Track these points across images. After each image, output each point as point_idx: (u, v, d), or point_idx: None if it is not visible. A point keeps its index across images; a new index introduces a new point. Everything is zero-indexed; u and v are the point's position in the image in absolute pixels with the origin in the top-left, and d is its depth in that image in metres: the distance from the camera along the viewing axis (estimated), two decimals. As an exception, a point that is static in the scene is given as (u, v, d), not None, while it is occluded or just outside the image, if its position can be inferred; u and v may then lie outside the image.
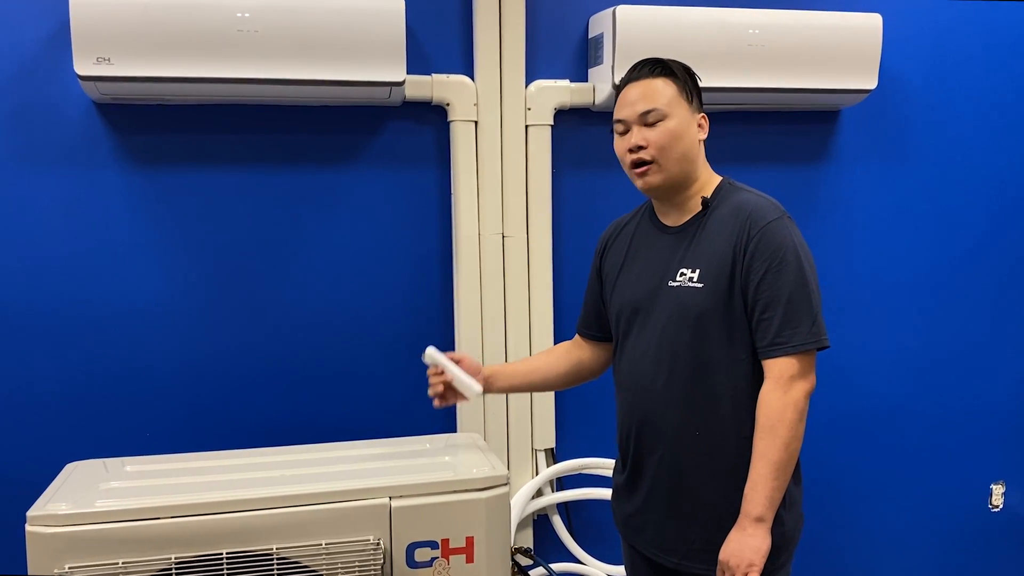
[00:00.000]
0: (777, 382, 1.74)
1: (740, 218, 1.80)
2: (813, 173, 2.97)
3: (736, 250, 1.78)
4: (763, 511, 1.71)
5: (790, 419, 1.72)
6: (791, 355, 1.74)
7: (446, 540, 1.95)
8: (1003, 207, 3.13)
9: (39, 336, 2.48)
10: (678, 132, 1.82)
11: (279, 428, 2.62)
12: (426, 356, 2.07)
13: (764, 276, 1.75)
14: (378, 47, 2.40)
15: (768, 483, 1.71)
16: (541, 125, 2.69)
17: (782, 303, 1.74)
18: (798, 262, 1.75)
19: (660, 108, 1.82)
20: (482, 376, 2.08)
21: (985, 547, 3.25)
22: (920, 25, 2.98)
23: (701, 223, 1.86)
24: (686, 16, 2.62)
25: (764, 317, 1.75)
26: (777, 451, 1.71)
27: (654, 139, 1.82)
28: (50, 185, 2.46)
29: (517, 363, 2.22)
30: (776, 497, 1.73)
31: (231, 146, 2.56)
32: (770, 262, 1.75)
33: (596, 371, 2.18)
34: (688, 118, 1.85)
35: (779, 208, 1.82)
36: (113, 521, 1.79)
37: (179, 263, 2.55)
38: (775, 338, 1.74)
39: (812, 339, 1.74)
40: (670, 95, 1.83)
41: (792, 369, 1.74)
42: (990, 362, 3.17)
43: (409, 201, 2.69)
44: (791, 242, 1.77)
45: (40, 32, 2.40)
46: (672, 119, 1.82)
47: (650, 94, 1.83)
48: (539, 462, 2.80)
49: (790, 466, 1.74)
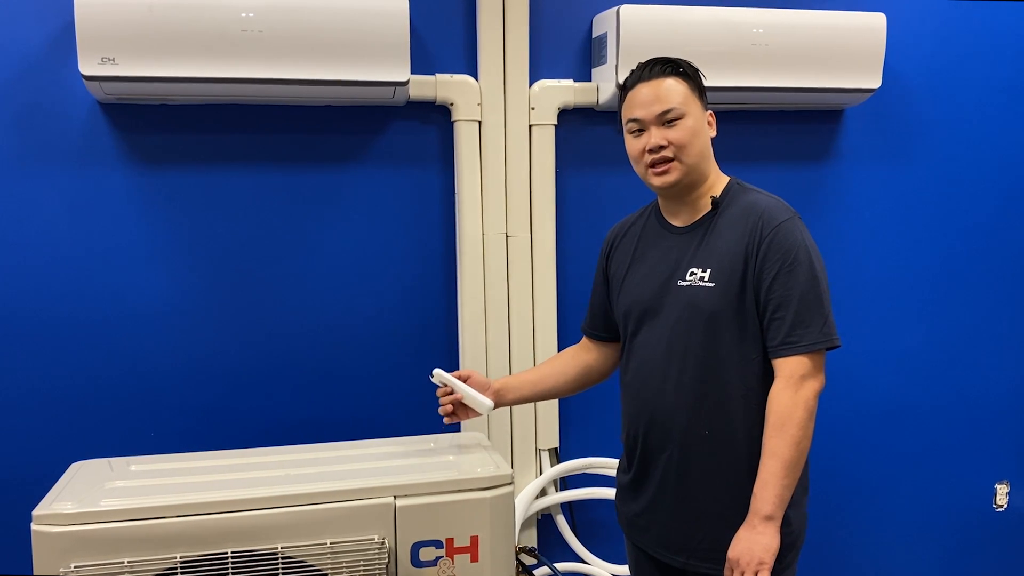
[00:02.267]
0: (788, 381, 1.74)
1: (751, 218, 1.80)
2: (817, 172, 2.97)
3: (748, 250, 1.78)
4: (773, 509, 1.72)
5: (800, 417, 1.72)
6: (802, 354, 1.74)
7: (450, 539, 1.95)
8: (1007, 206, 3.12)
9: (44, 336, 2.48)
10: (696, 130, 1.84)
11: (283, 427, 2.63)
12: (434, 377, 2.08)
13: (776, 276, 1.76)
14: (382, 47, 2.41)
15: (779, 481, 1.71)
16: (545, 125, 2.69)
17: (794, 303, 1.74)
18: (810, 262, 1.77)
19: (678, 107, 1.82)
20: (492, 391, 2.08)
21: (989, 547, 3.25)
22: (924, 24, 2.98)
23: (711, 223, 1.86)
24: (690, 16, 2.62)
25: (776, 317, 1.76)
26: (787, 449, 1.72)
27: (675, 138, 1.82)
28: (54, 185, 2.46)
29: (525, 373, 2.22)
30: (786, 496, 1.73)
31: (235, 146, 2.57)
32: (782, 262, 1.76)
33: (604, 373, 2.17)
34: (701, 116, 1.87)
35: (789, 209, 1.84)
36: (118, 520, 1.79)
37: (184, 263, 2.56)
38: (786, 337, 1.75)
39: (823, 339, 1.75)
40: (684, 93, 1.84)
41: (803, 368, 1.74)
42: (994, 362, 3.16)
43: (413, 201, 2.69)
44: (803, 243, 1.78)
45: (45, 32, 2.41)
46: (690, 117, 1.83)
47: (665, 93, 1.83)
48: (543, 462, 2.80)
49: (800, 465, 1.75)
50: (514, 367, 2.72)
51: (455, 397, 2.06)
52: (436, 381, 2.08)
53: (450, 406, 2.07)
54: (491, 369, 2.70)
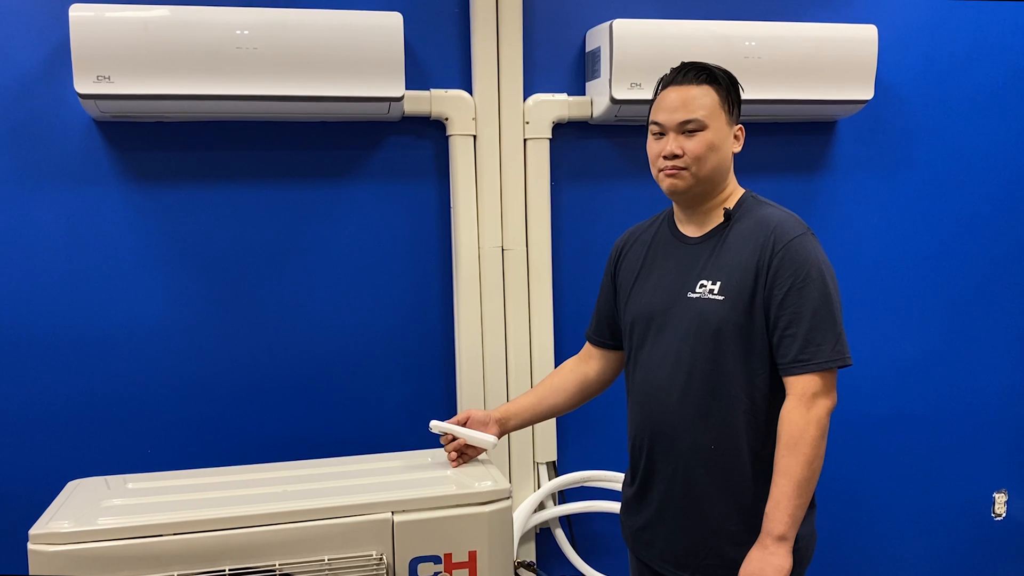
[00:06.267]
0: (800, 399, 1.72)
1: (764, 232, 1.78)
2: (810, 184, 2.98)
3: (759, 265, 1.76)
4: (785, 529, 1.69)
5: (812, 436, 1.70)
6: (814, 372, 1.72)
7: (449, 555, 1.94)
8: (1000, 216, 3.14)
9: (40, 352, 2.48)
10: (715, 144, 1.81)
11: (280, 443, 2.62)
12: (432, 428, 2.09)
13: (788, 292, 1.74)
14: (377, 63, 2.42)
15: (791, 501, 1.69)
16: (539, 138, 2.70)
17: (806, 320, 1.72)
18: (822, 279, 1.75)
19: (700, 119, 1.79)
20: (493, 423, 2.08)
21: (988, 556, 3.25)
22: (915, 36, 3.00)
23: (723, 235, 1.84)
24: (683, 29, 2.63)
25: (787, 334, 1.74)
26: (800, 468, 1.69)
27: (691, 149, 1.80)
28: (51, 203, 2.46)
29: (523, 397, 2.18)
30: (798, 515, 1.71)
31: (231, 163, 2.57)
32: (794, 278, 1.73)
33: (604, 383, 2.15)
34: (726, 129, 1.83)
35: (803, 224, 1.81)
36: (115, 539, 1.78)
37: (179, 279, 2.56)
38: (798, 355, 1.73)
39: (836, 357, 1.74)
40: (710, 105, 1.81)
41: (815, 387, 1.72)
42: (991, 370, 3.17)
43: (409, 215, 2.70)
44: (815, 259, 1.76)
45: (40, 51, 2.42)
46: (711, 130, 1.80)
47: (691, 102, 1.80)
48: (541, 475, 2.80)
49: (812, 484, 1.72)
50: (511, 380, 2.72)
51: (459, 443, 2.07)
52: (435, 431, 2.09)
53: (454, 453, 2.08)
54: (488, 382, 2.70)
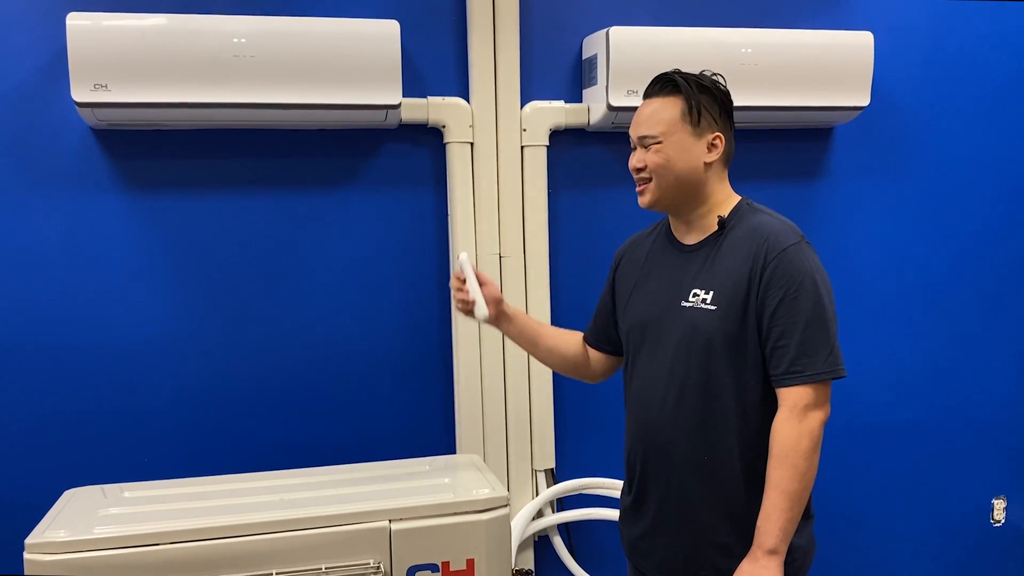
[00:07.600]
0: (792, 411, 1.70)
1: (757, 241, 1.76)
2: (807, 190, 2.98)
3: (752, 274, 1.74)
4: (776, 543, 1.68)
5: (805, 449, 1.68)
6: (807, 384, 1.71)
7: (446, 563, 1.94)
8: (997, 221, 3.14)
9: (37, 361, 2.47)
10: (671, 156, 1.80)
11: (277, 452, 2.61)
12: (461, 259, 2.01)
13: (780, 303, 1.71)
14: (374, 71, 2.42)
15: (782, 514, 1.67)
16: (537, 146, 2.70)
17: (798, 331, 1.70)
18: (815, 289, 1.72)
19: (654, 134, 1.80)
20: (496, 306, 2.02)
21: (987, 562, 3.24)
22: (911, 42, 3.01)
23: (717, 243, 1.82)
24: (679, 36, 2.64)
25: (779, 345, 1.72)
26: (792, 481, 1.67)
27: (650, 161, 1.81)
28: (48, 211, 2.46)
29: (535, 322, 2.15)
30: (790, 529, 1.69)
31: (228, 170, 2.57)
32: (787, 289, 1.71)
33: (595, 376, 2.14)
34: (688, 140, 1.80)
35: (797, 232, 1.79)
36: (112, 548, 1.78)
37: (176, 287, 2.56)
38: (791, 367, 1.71)
39: (828, 369, 1.72)
40: (668, 118, 1.80)
41: (807, 398, 1.70)
42: (989, 376, 3.17)
43: (406, 222, 2.70)
44: (809, 268, 1.73)
45: (37, 59, 2.42)
46: (667, 144, 1.80)
47: (649, 116, 1.82)
48: (539, 483, 2.79)
49: (804, 496, 1.70)
50: (509, 388, 2.72)
51: (464, 295, 2.00)
52: (457, 265, 2.02)
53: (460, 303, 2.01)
54: (486, 390, 2.70)
